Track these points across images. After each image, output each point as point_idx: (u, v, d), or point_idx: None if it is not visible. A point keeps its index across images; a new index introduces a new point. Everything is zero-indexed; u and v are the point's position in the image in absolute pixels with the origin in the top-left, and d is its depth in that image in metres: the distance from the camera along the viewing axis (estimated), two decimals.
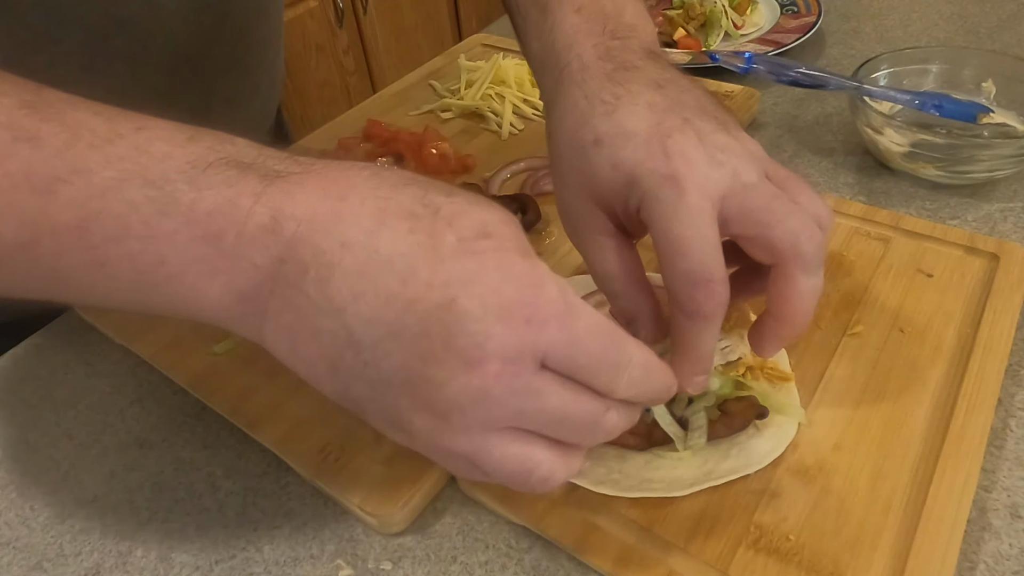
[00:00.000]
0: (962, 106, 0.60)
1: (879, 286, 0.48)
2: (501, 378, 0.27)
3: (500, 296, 0.27)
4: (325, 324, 0.28)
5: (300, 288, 0.28)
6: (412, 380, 0.27)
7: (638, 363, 0.30)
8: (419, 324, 0.27)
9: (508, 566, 0.38)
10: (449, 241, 0.28)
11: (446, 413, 0.28)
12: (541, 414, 0.28)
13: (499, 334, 0.27)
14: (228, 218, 0.28)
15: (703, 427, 0.38)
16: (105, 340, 0.54)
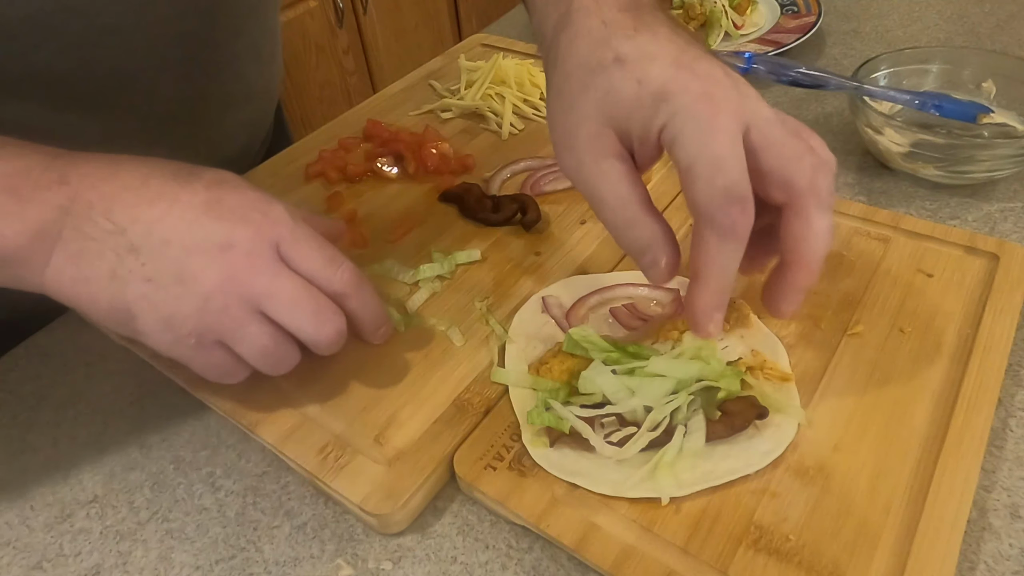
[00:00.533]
0: (962, 106, 0.60)
1: (879, 286, 0.48)
2: (248, 257, 0.38)
3: (240, 207, 0.39)
4: (110, 241, 0.37)
5: (89, 218, 0.36)
6: (182, 269, 0.37)
7: (349, 267, 0.41)
8: (186, 229, 0.37)
9: (508, 566, 0.38)
10: (199, 184, 0.39)
11: (208, 292, 0.37)
12: (279, 293, 0.38)
13: (242, 228, 0.38)
14: (23, 176, 0.36)
15: (702, 428, 0.38)
16: (105, 340, 0.54)
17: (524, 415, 0.41)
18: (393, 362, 0.47)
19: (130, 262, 0.37)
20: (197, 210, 0.38)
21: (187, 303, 0.37)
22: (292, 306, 0.39)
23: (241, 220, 0.38)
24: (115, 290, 0.37)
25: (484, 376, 0.45)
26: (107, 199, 0.37)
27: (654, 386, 0.39)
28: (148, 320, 0.38)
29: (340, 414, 0.44)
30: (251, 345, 0.39)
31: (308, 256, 0.40)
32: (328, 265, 0.40)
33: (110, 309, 0.37)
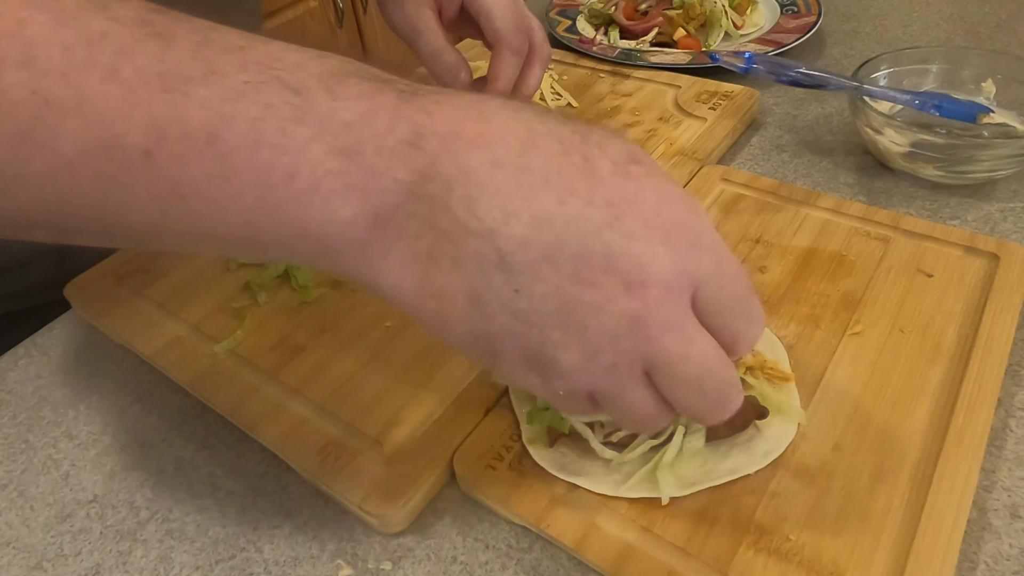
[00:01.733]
0: (962, 106, 0.60)
1: (879, 286, 0.48)
2: (660, 306, 0.26)
3: (663, 218, 0.26)
4: (472, 247, 0.25)
5: (446, 206, 0.25)
6: (565, 307, 0.26)
7: (759, 319, 0.29)
8: (579, 244, 0.25)
9: (508, 566, 0.38)
10: (604, 163, 0.26)
11: (597, 347, 0.27)
12: (685, 364, 0.27)
13: (663, 256, 0.26)
14: (368, 130, 0.25)
15: (702, 428, 0.38)
16: (105, 340, 0.54)
17: (524, 415, 0.41)
18: (393, 362, 0.47)
19: (497, 284, 0.26)
20: (600, 212, 0.26)
21: (567, 356, 0.27)
22: (695, 383, 0.28)
23: (662, 241, 0.26)
24: (475, 318, 0.27)
25: (484, 376, 0.45)
26: (471, 179, 0.25)
27: None
28: (515, 361, 0.28)
29: (340, 414, 0.44)
30: (627, 411, 0.29)
31: (728, 307, 0.28)
32: (743, 320, 0.29)
33: (468, 337, 0.28)
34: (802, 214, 0.55)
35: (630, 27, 0.85)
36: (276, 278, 0.54)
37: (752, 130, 0.69)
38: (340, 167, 0.25)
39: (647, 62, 0.77)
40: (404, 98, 0.27)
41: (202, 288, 0.54)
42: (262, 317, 0.51)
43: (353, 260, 0.27)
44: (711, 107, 0.68)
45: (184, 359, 0.49)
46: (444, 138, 0.26)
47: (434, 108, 0.26)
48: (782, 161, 0.64)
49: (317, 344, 0.49)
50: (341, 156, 0.25)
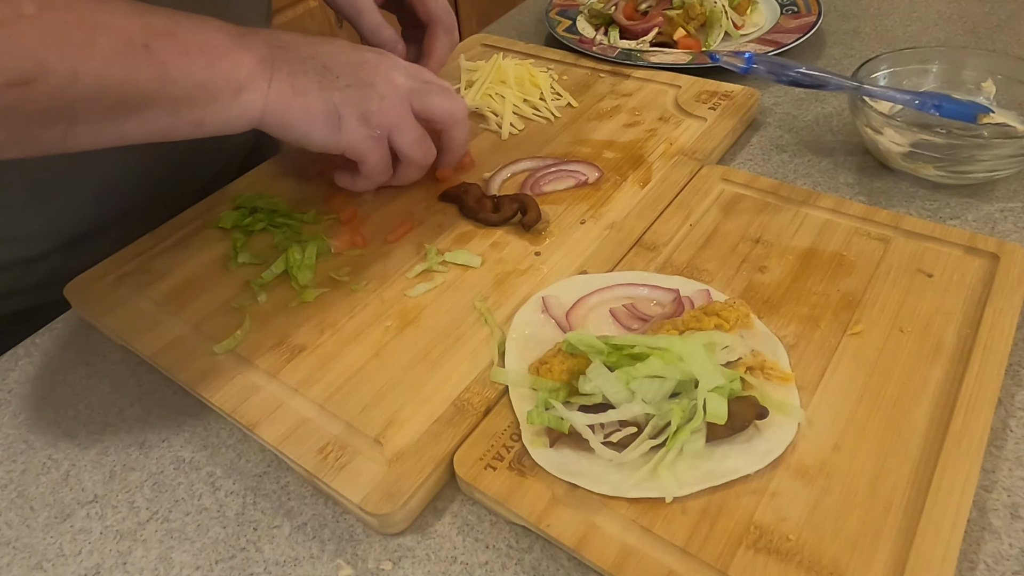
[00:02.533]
0: (962, 106, 0.60)
1: (879, 286, 0.48)
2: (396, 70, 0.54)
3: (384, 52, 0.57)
4: (309, 63, 0.50)
5: (289, 49, 0.50)
6: (361, 77, 0.52)
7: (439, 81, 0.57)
8: (351, 55, 0.53)
9: (508, 566, 0.38)
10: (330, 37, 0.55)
11: (383, 92, 0.52)
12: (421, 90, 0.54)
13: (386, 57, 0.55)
14: (235, 29, 0.48)
15: (702, 428, 0.38)
16: (105, 340, 0.54)
17: (524, 415, 0.41)
18: (393, 362, 0.47)
19: (328, 77, 0.50)
20: (347, 45, 0.53)
21: (374, 101, 0.51)
22: (432, 93, 0.54)
23: (377, 50, 0.55)
24: (325, 96, 0.49)
25: (484, 376, 0.45)
26: (292, 43, 0.50)
27: (654, 386, 0.39)
28: (351, 117, 0.50)
29: (340, 414, 0.44)
30: (408, 134, 0.53)
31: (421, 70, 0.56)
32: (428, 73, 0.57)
33: (323, 112, 0.50)
34: (802, 214, 0.55)
35: (630, 27, 0.85)
36: (276, 278, 0.54)
37: (752, 130, 0.69)
38: (235, 41, 0.47)
39: (647, 62, 0.77)
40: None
41: (202, 288, 0.54)
42: (262, 317, 0.51)
43: (253, 92, 0.47)
44: (711, 107, 0.68)
45: (184, 359, 0.49)
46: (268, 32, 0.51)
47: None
48: (782, 161, 0.64)
49: (317, 344, 0.49)
50: (233, 36, 0.47)
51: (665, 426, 0.38)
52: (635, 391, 0.39)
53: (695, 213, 0.56)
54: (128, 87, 0.42)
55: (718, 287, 0.49)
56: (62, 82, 0.39)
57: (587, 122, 0.70)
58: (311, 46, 0.51)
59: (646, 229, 0.55)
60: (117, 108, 0.43)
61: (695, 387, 0.39)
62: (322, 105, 0.49)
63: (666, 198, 0.58)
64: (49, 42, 0.39)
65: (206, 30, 0.46)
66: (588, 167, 0.62)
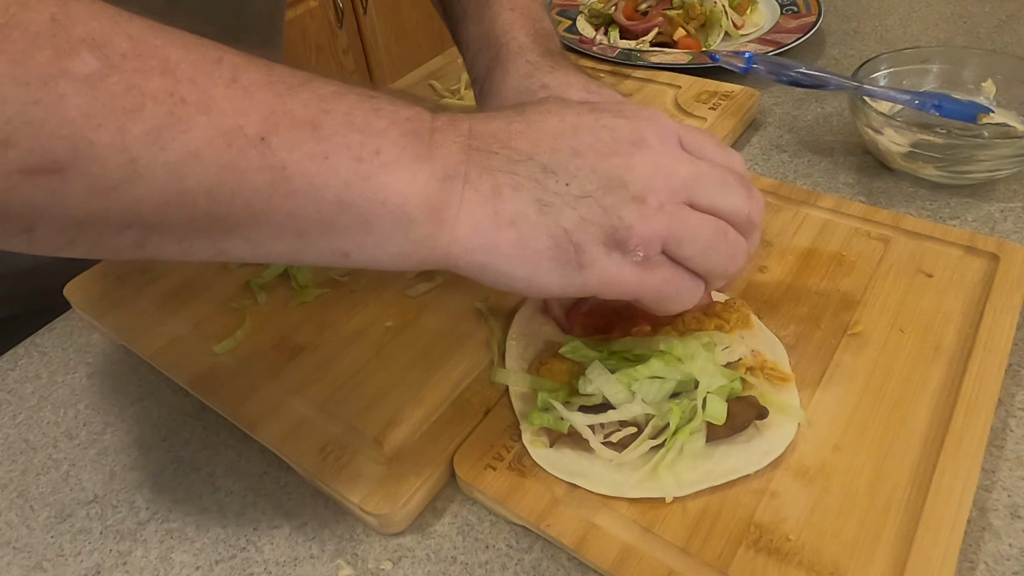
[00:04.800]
0: (962, 106, 0.60)
1: (879, 286, 0.48)
2: (664, 147, 0.35)
3: (626, 107, 0.37)
4: (522, 170, 0.33)
5: (492, 152, 0.34)
6: (605, 176, 0.34)
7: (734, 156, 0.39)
8: (590, 135, 0.35)
9: (508, 566, 0.38)
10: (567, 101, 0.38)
11: (641, 193, 0.34)
12: (704, 178, 0.35)
13: (644, 122, 0.36)
14: (421, 120, 0.33)
15: (702, 428, 0.38)
16: (105, 340, 0.54)
17: (524, 415, 0.41)
18: (393, 362, 0.47)
19: (552, 184, 0.33)
20: (589, 116, 0.36)
21: (625, 210, 0.33)
22: (723, 185, 0.36)
23: (636, 116, 0.36)
24: (549, 222, 0.33)
25: (484, 376, 0.45)
26: (500, 133, 0.34)
27: (654, 387, 0.39)
28: (594, 245, 0.33)
29: (340, 414, 0.44)
30: (696, 238, 0.35)
31: (707, 144, 0.38)
32: (717, 147, 0.38)
33: (552, 246, 0.33)
34: (802, 214, 0.55)
35: (630, 27, 0.85)
36: (276, 278, 0.54)
37: (752, 130, 0.69)
38: (412, 144, 0.32)
39: (647, 62, 0.77)
40: (432, 106, 0.36)
41: (202, 288, 0.54)
42: (262, 317, 0.51)
43: (430, 225, 0.32)
44: (711, 107, 0.68)
45: (184, 359, 0.49)
46: (470, 119, 0.35)
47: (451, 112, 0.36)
48: (782, 161, 0.64)
49: (317, 344, 0.49)
50: (410, 136, 0.32)
51: (665, 426, 0.38)
52: (635, 392, 0.39)
53: None
54: (224, 197, 0.29)
55: None
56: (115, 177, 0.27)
57: None
58: (529, 133, 0.34)
59: None
60: (207, 221, 0.30)
61: (695, 387, 0.39)
62: (545, 236, 0.33)
63: None
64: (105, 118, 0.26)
65: (373, 121, 0.31)
66: None
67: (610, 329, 0.45)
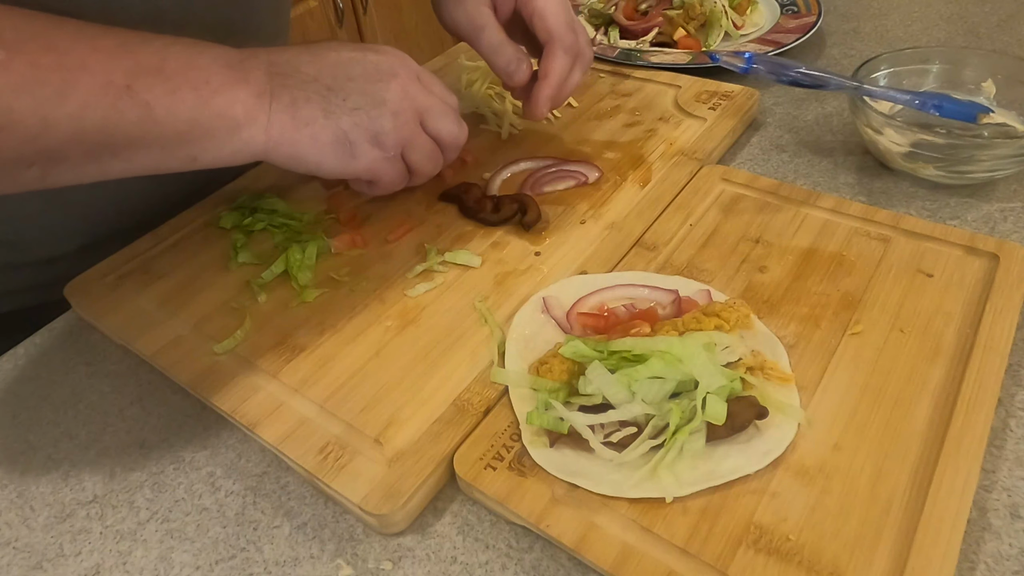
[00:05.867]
0: (962, 106, 0.60)
1: (879, 286, 0.48)
2: (409, 81, 0.50)
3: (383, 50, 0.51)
4: (311, 87, 0.46)
5: (287, 75, 0.46)
6: (370, 95, 0.48)
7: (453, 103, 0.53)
8: (359, 66, 0.48)
9: (508, 566, 0.38)
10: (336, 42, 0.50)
11: (395, 110, 0.48)
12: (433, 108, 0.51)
13: (398, 63, 0.50)
14: (231, 55, 0.45)
15: (702, 428, 0.38)
16: (105, 340, 0.54)
17: (524, 415, 0.41)
18: (393, 362, 0.47)
19: (335, 100, 0.46)
20: (357, 53, 0.49)
21: (386, 121, 0.48)
22: (442, 115, 0.51)
23: (388, 52, 0.50)
24: (332, 124, 0.46)
25: (484, 376, 0.45)
26: (292, 62, 0.46)
27: (654, 387, 0.39)
28: (363, 142, 0.47)
29: (340, 414, 0.44)
30: (421, 148, 0.51)
31: (432, 82, 0.52)
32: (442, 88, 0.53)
33: (333, 141, 0.46)
34: (802, 214, 0.55)
35: (630, 27, 0.85)
36: (276, 278, 0.54)
37: (752, 130, 0.69)
38: (230, 73, 0.44)
39: (647, 62, 0.77)
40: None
41: (202, 288, 0.54)
42: (262, 317, 0.51)
43: (251, 128, 0.44)
44: (711, 107, 0.68)
45: (184, 359, 0.49)
46: (266, 52, 0.47)
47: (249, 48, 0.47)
48: (782, 161, 0.64)
49: (317, 344, 0.49)
50: (228, 67, 0.44)
51: (665, 426, 0.38)
52: (635, 392, 0.39)
53: (695, 213, 0.56)
54: (109, 131, 0.40)
55: (718, 287, 0.49)
56: (32, 131, 0.38)
57: (587, 122, 0.70)
58: (314, 63, 0.47)
59: (646, 229, 0.55)
60: (99, 150, 0.41)
61: (695, 387, 0.39)
62: (330, 134, 0.46)
63: (666, 198, 0.58)
64: (19, 90, 0.37)
65: (199, 61, 0.43)
66: (588, 167, 0.62)
67: (610, 329, 0.45)
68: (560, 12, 0.56)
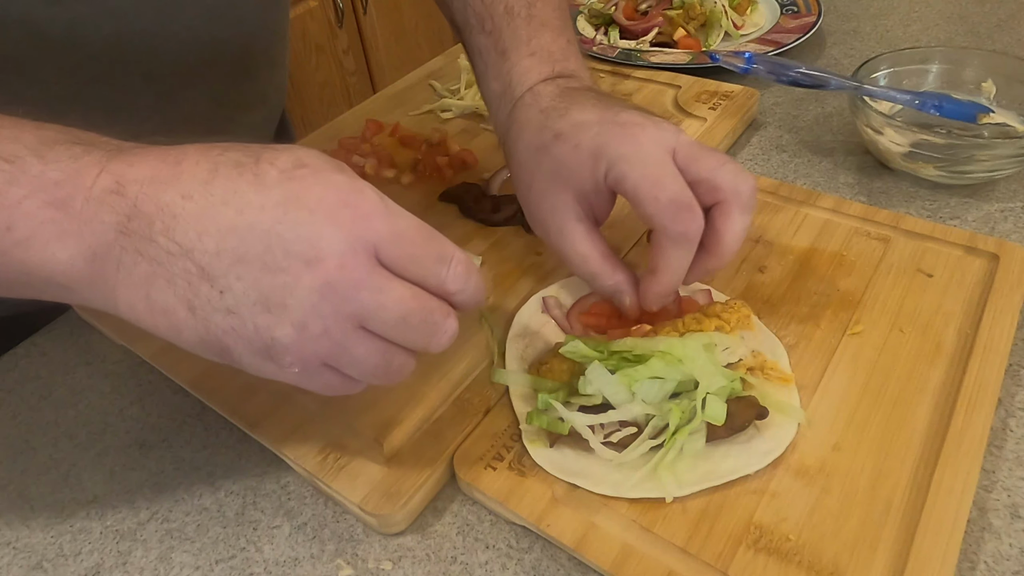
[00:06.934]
0: (962, 106, 0.60)
1: (879, 286, 0.48)
2: (342, 271, 0.31)
3: (324, 203, 0.31)
4: (177, 266, 0.31)
5: (149, 238, 0.31)
6: (265, 294, 0.31)
7: (459, 259, 0.34)
8: (260, 242, 0.31)
9: (508, 566, 0.38)
10: (272, 174, 0.32)
11: (302, 319, 0.31)
12: (384, 311, 0.32)
13: (330, 233, 0.31)
14: (75, 185, 0.30)
15: (702, 428, 0.38)
16: (105, 340, 0.54)
17: (524, 415, 0.41)
18: None
19: (205, 291, 0.31)
20: (271, 213, 0.31)
21: (281, 332, 0.31)
22: (400, 323, 0.33)
23: (327, 220, 0.31)
24: (198, 324, 0.32)
25: (484, 376, 0.45)
26: (167, 212, 0.31)
27: (654, 387, 0.39)
28: (243, 353, 0.32)
29: (340, 414, 0.44)
30: (360, 367, 0.34)
31: (413, 257, 0.33)
32: (438, 263, 0.34)
33: (200, 343, 0.32)
34: (802, 214, 0.55)
35: (630, 27, 0.85)
36: None
37: (752, 130, 0.69)
38: (51, 217, 0.30)
39: (647, 62, 0.77)
40: (111, 155, 0.32)
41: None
42: None
43: (87, 292, 0.32)
44: (711, 107, 0.68)
45: (184, 359, 0.49)
46: (143, 183, 0.31)
47: (137, 160, 0.32)
48: (782, 161, 0.64)
49: None
50: (52, 208, 0.30)
51: (665, 426, 0.38)
52: (635, 392, 0.39)
53: None
54: None
55: (718, 287, 0.49)
56: None
57: None
58: (202, 220, 0.31)
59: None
60: None
61: (695, 388, 0.39)
62: (195, 336, 0.32)
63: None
64: None
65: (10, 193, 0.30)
66: None
67: (610, 329, 0.45)
68: (660, 191, 0.39)
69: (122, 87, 0.53)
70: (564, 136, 0.42)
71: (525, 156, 0.45)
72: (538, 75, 0.47)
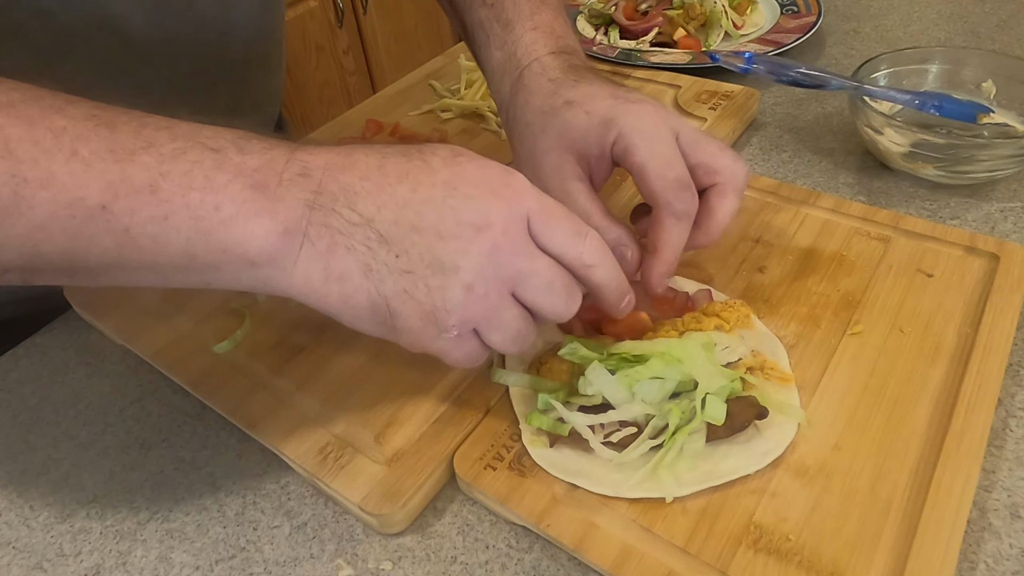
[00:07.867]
0: (962, 106, 0.60)
1: (879, 286, 0.48)
2: (506, 236, 0.35)
3: (486, 181, 0.36)
4: (359, 234, 0.35)
5: (334, 211, 0.35)
6: (438, 257, 0.35)
7: (594, 235, 0.38)
8: (433, 213, 0.35)
9: (508, 566, 0.38)
10: (436, 161, 0.36)
11: (471, 280, 0.35)
12: (536, 275, 0.36)
13: (496, 205, 0.35)
14: (270, 170, 0.34)
15: (702, 428, 0.38)
16: (105, 340, 0.54)
17: (524, 415, 0.41)
18: (393, 362, 0.47)
19: (383, 255, 0.35)
20: (442, 190, 0.35)
21: (451, 294, 0.35)
22: (547, 288, 0.37)
23: (491, 195, 0.36)
24: (371, 286, 0.35)
25: (484, 376, 0.45)
26: (349, 190, 0.35)
27: (654, 388, 0.39)
28: (410, 316, 0.35)
29: (340, 414, 0.44)
30: (506, 331, 0.37)
31: (557, 229, 0.37)
32: (575, 237, 0.37)
33: (369, 307, 0.35)
34: (802, 214, 0.55)
35: (630, 27, 0.85)
36: None
37: (752, 130, 0.69)
38: (253, 198, 0.33)
39: (647, 62, 0.77)
40: (294, 148, 0.36)
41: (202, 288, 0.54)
42: (262, 317, 0.51)
43: (268, 270, 0.35)
44: (711, 107, 0.68)
45: (184, 359, 0.49)
46: (325, 169, 0.35)
47: (313, 152, 0.36)
48: (782, 161, 0.64)
49: (317, 344, 0.49)
50: (253, 189, 0.33)
51: (665, 426, 0.38)
52: (635, 392, 0.39)
53: None
54: (78, 256, 0.32)
55: (718, 287, 0.49)
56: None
57: None
58: (378, 195, 0.35)
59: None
60: (71, 271, 0.33)
61: (695, 387, 0.39)
62: (365, 298, 0.35)
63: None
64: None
65: (215, 178, 0.33)
66: None
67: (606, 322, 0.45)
68: (669, 170, 0.42)
69: (113, 94, 0.53)
70: (576, 103, 0.44)
71: (533, 117, 0.46)
72: (544, 47, 0.48)
